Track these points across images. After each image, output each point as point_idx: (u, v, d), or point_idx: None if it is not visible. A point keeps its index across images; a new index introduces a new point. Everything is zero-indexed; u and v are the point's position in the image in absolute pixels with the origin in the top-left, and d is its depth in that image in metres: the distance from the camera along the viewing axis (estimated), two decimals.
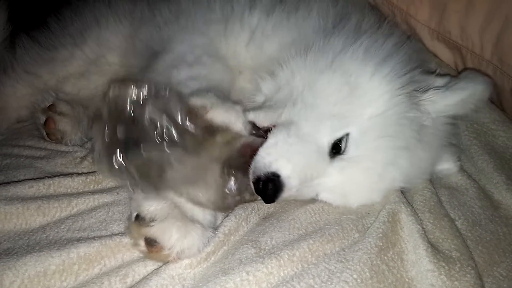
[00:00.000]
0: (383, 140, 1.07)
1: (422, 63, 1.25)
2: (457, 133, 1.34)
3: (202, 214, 1.00)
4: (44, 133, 1.52)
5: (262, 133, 1.08)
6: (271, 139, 1.05)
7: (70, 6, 1.74)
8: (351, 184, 1.08)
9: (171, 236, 0.91)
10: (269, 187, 1.00)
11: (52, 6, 1.75)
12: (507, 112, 1.44)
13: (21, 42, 1.69)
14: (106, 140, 0.90)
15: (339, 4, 1.36)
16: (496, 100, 1.46)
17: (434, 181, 1.23)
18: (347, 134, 1.06)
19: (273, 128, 1.07)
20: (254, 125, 1.09)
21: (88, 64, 1.67)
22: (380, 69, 1.09)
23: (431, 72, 1.22)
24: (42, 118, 1.52)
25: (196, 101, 1.02)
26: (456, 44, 1.49)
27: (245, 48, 1.32)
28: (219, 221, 1.06)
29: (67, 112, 1.55)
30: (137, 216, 0.93)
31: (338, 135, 1.06)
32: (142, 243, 0.93)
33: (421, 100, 1.12)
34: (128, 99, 0.91)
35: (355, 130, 1.06)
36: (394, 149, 1.08)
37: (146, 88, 0.93)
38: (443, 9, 1.49)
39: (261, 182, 1.01)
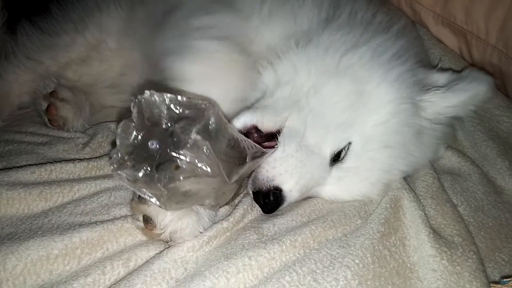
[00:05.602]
0: (383, 150, 1.07)
1: (423, 54, 1.22)
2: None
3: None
4: (46, 119, 1.51)
5: (263, 137, 1.04)
6: (278, 152, 1.02)
7: None
8: (345, 191, 1.10)
9: (165, 217, 0.92)
10: (270, 200, 1.02)
11: None
12: (511, 98, 1.43)
13: (22, 28, 1.68)
14: (135, 142, 0.84)
15: None
16: (500, 86, 1.45)
17: (437, 166, 1.23)
18: (349, 143, 1.06)
19: (278, 134, 1.04)
20: (256, 129, 1.05)
21: (89, 49, 1.66)
22: (388, 75, 1.07)
23: (432, 67, 1.19)
24: (44, 104, 1.52)
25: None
26: (461, 29, 1.47)
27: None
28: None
29: (69, 99, 1.55)
30: (139, 195, 0.93)
31: (341, 145, 1.06)
32: (140, 218, 0.94)
33: (422, 101, 1.11)
34: (165, 111, 0.83)
35: (357, 139, 1.06)
36: (392, 157, 1.08)
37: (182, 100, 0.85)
38: None
39: (261, 194, 1.02)
